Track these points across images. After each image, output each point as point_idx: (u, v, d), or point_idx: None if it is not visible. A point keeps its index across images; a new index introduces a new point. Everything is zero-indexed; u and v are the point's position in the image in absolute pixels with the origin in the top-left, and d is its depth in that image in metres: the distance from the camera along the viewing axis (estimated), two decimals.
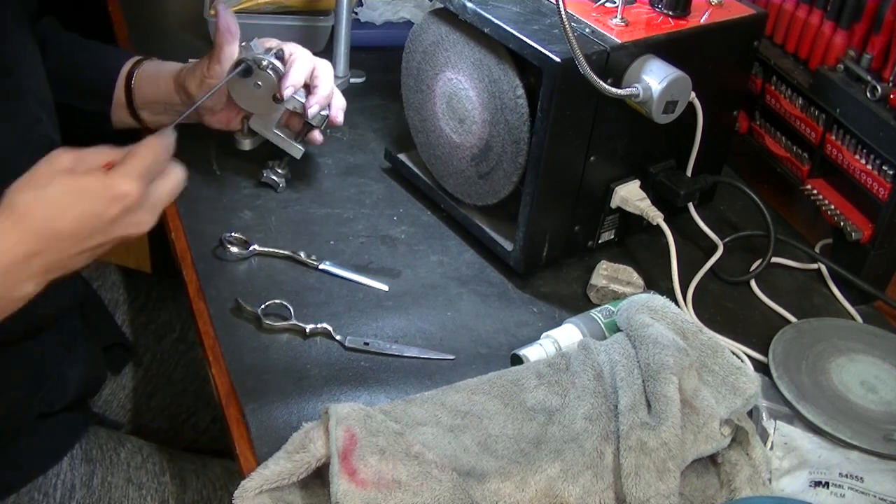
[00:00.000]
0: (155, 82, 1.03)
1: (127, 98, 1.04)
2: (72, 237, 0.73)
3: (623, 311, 0.86)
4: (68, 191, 0.72)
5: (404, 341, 0.90)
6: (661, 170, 1.01)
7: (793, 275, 1.05)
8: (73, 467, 0.97)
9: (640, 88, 0.88)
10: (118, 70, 1.04)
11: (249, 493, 0.70)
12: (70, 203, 0.72)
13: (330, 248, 1.00)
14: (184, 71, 1.02)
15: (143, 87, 1.04)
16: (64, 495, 0.95)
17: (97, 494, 0.96)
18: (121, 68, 1.04)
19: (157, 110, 1.06)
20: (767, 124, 1.12)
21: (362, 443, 0.71)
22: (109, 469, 0.98)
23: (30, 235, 0.71)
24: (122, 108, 1.05)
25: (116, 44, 1.33)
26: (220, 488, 1.01)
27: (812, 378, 0.89)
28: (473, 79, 0.95)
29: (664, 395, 0.76)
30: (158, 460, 1.02)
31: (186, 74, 1.01)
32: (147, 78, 1.04)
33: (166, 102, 1.04)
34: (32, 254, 0.71)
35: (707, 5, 0.98)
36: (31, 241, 0.71)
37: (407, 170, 1.11)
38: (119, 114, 1.06)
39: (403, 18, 1.42)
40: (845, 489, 0.77)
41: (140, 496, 0.98)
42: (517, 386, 0.82)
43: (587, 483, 0.73)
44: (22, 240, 0.71)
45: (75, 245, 0.73)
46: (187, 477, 1.02)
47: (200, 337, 0.89)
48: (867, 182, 0.97)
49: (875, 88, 0.95)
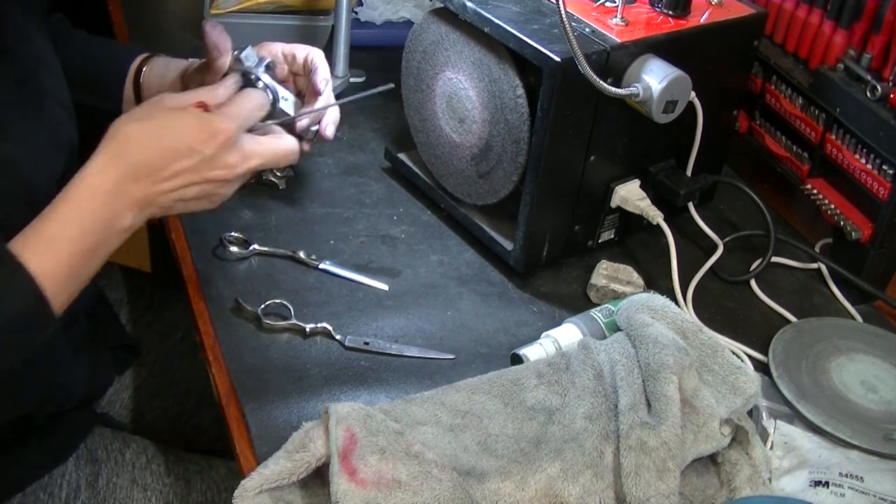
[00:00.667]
0: (163, 79, 1.04)
1: (136, 95, 1.04)
2: (166, 168, 0.77)
3: (623, 310, 0.86)
4: (166, 123, 0.78)
5: (404, 341, 0.90)
6: (661, 169, 1.01)
7: (793, 274, 1.05)
8: (78, 467, 0.97)
9: (640, 88, 0.88)
10: (127, 68, 1.04)
11: (249, 492, 0.70)
12: (167, 134, 0.77)
13: (330, 248, 1.00)
14: (189, 70, 1.02)
15: (152, 83, 1.04)
16: (69, 495, 0.95)
17: (102, 495, 0.96)
18: (130, 66, 1.04)
19: None
20: (767, 124, 1.12)
21: (362, 442, 0.71)
22: (114, 469, 0.98)
23: (129, 164, 0.76)
24: (131, 105, 1.05)
25: None
26: (225, 490, 1.01)
27: (812, 378, 0.89)
28: (473, 78, 0.95)
29: (664, 395, 0.76)
30: (163, 461, 1.02)
31: (189, 78, 1.01)
32: (156, 74, 1.04)
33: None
34: (132, 181, 0.76)
35: (707, 5, 0.98)
36: (129, 169, 0.76)
37: (407, 169, 1.11)
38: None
39: (403, 18, 1.42)
40: (845, 489, 0.77)
41: (145, 497, 0.98)
42: (517, 385, 0.82)
43: (587, 482, 0.73)
44: (121, 169, 0.75)
45: (168, 179, 0.77)
46: (192, 478, 1.02)
47: (200, 336, 0.89)
48: (867, 182, 0.97)
49: (875, 88, 0.95)
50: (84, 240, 0.75)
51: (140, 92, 1.04)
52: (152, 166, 0.76)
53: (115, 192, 0.75)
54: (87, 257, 0.76)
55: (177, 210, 0.81)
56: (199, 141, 0.78)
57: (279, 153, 0.85)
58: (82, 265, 0.76)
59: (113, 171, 0.75)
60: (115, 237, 0.77)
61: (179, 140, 0.77)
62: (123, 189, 0.76)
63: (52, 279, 0.73)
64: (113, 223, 0.76)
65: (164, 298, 1.21)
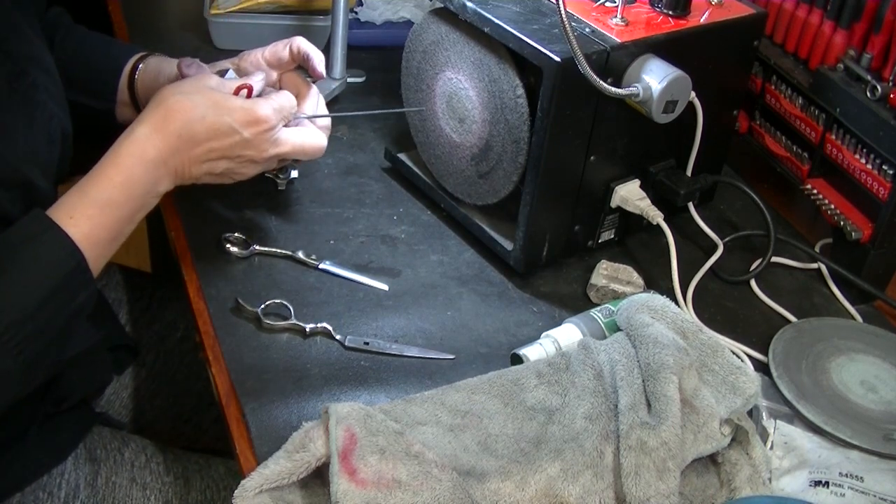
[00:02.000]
0: (157, 79, 1.04)
1: (130, 95, 1.04)
2: (206, 143, 0.83)
3: (623, 310, 0.86)
4: (211, 103, 0.83)
5: (404, 341, 0.90)
6: (661, 169, 1.01)
7: (793, 274, 1.05)
8: (77, 467, 0.97)
9: (640, 88, 0.88)
10: (123, 67, 1.04)
11: (249, 492, 0.70)
12: (211, 112, 0.83)
13: (330, 248, 1.00)
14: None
15: (147, 83, 1.04)
16: (68, 494, 0.95)
17: (101, 494, 0.97)
18: (125, 65, 1.04)
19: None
20: (767, 124, 1.12)
21: (362, 442, 0.71)
22: (113, 469, 0.99)
23: (173, 134, 0.81)
24: (126, 106, 1.05)
25: None
26: (224, 488, 1.01)
27: (812, 378, 0.89)
28: (473, 78, 0.95)
29: (664, 395, 0.76)
30: (162, 460, 1.02)
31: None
32: (150, 74, 1.04)
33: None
34: (175, 150, 0.82)
35: (707, 5, 0.98)
36: (173, 139, 0.81)
37: (407, 169, 1.11)
38: (123, 111, 1.06)
39: (403, 18, 1.42)
40: (845, 489, 0.77)
41: (144, 496, 0.98)
42: (517, 385, 0.82)
43: (587, 483, 0.73)
44: (166, 138, 0.81)
45: (206, 153, 0.83)
46: (191, 477, 1.02)
47: (200, 336, 0.89)
48: (867, 182, 0.97)
49: (875, 88, 0.95)
50: (129, 205, 0.80)
51: (135, 92, 1.04)
52: (195, 140, 0.82)
53: (160, 160, 0.81)
54: (127, 222, 0.81)
55: (203, 181, 0.87)
56: (242, 123, 0.84)
57: (307, 145, 0.91)
58: (122, 229, 0.81)
59: (159, 140, 0.81)
60: (151, 202, 0.83)
61: (223, 120, 0.83)
62: (167, 157, 0.81)
63: (96, 244, 0.77)
64: (153, 189, 0.82)
65: (163, 298, 1.21)
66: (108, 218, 0.78)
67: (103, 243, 0.78)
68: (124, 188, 0.79)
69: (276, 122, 0.87)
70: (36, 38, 0.91)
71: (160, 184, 0.82)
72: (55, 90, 0.90)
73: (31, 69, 0.87)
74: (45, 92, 0.87)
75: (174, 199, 1.03)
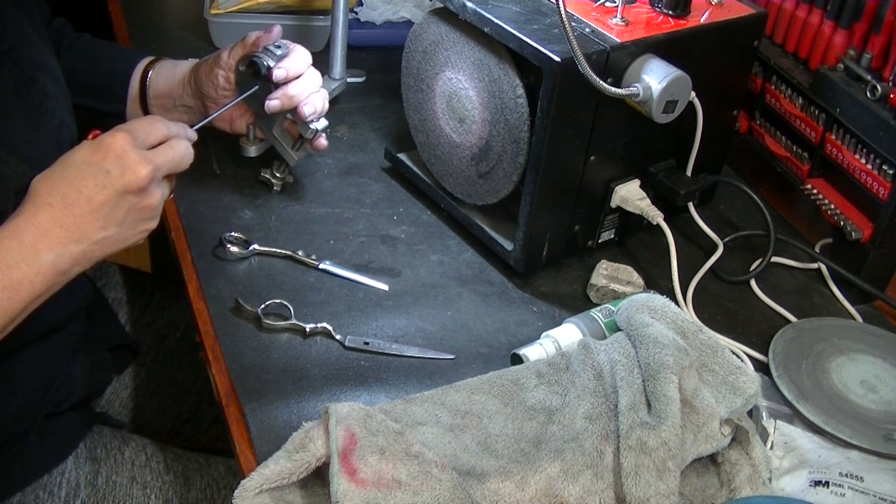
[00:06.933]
0: (172, 80, 1.05)
1: (142, 98, 1.05)
2: (77, 192, 0.77)
3: (623, 310, 0.86)
4: (63, 160, 0.78)
5: (404, 341, 0.90)
6: (661, 169, 1.01)
7: (793, 274, 1.05)
8: (77, 466, 0.97)
9: (639, 88, 0.88)
10: (131, 71, 1.05)
11: (249, 492, 0.70)
12: (68, 167, 0.78)
13: (330, 248, 1.00)
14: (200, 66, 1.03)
15: (160, 84, 1.05)
16: (69, 493, 0.95)
17: (102, 493, 0.97)
18: (134, 70, 1.05)
19: (167, 106, 1.06)
20: (767, 124, 1.12)
21: (362, 442, 0.71)
22: (114, 468, 0.99)
23: (43, 204, 0.76)
24: (135, 106, 1.06)
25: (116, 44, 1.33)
26: (224, 487, 1.02)
27: (812, 378, 0.89)
28: (473, 78, 0.95)
29: (664, 395, 0.76)
30: (162, 459, 1.02)
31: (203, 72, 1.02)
32: (164, 76, 1.05)
33: (177, 97, 1.05)
34: (52, 218, 0.76)
35: (707, 5, 0.98)
36: (44, 208, 0.76)
37: (407, 169, 1.11)
38: (133, 112, 1.07)
39: (403, 18, 1.42)
40: (845, 489, 0.77)
41: (144, 495, 0.98)
42: (517, 385, 0.82)
43: (587, 482, 0.73)
44: (39, 212, 0.76)
45: (84, 203, 0.77)
46: (191, 476, 1.02)
47: (200, 336, 0.89)
48: (867, 182, 0.97)
49: (875, 88, 0.95)
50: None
51: (146, 94, 1.05)
52: (66, 198, 0.76)
53: (41, 232, 0.76)
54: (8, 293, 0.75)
55: (121, 238, 0.80)
56: (95, 159, 0.78)
57: (177, 153, 0.83)
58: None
59: (34, 217, 0.76)
60: (40, 276, 0.76)
61: (77, 165, 0.78)
62: (47, 229, 0.76)
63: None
64: (34, 259, 0.75)
65: (163, 298, 1.21)
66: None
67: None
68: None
69: (124, 140, 0.79)
70: (44, 45, 0.92)
71: (42, 255, 0.76)
72: (63, 98, 0.91)
73: (39, 76, 0.87)
74: (53, 99, 0.88)
75: (174, 200, 1.03)
